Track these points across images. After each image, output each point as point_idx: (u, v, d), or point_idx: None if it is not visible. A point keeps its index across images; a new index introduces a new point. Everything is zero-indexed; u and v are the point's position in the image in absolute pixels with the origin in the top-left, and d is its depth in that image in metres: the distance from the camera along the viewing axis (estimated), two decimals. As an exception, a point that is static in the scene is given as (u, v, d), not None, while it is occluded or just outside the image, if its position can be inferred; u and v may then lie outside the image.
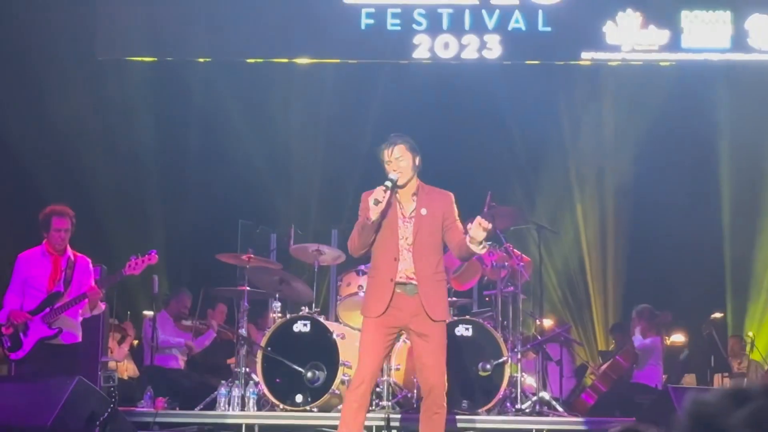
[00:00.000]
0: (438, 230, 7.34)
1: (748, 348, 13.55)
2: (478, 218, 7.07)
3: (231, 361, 10.27)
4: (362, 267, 9.53)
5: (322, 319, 9.62)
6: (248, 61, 14.61)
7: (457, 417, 9.04)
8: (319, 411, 9.17)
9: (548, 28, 14.02)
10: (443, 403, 7.26)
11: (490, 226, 7.09)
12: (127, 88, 14.50)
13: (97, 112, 14.39)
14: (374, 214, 7.07)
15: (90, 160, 14.43)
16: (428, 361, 7.19)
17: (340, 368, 9.16)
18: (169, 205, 14.91)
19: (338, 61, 14.68)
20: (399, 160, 7.25)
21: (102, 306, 9.02)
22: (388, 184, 7.11)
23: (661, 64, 14.24)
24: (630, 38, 13.98)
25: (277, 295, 10.07)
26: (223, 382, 9.57)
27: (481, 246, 7.12)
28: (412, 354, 7.54)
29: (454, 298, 9.99)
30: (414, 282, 7.21)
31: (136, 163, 14.92)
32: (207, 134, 14.79)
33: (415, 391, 9.25)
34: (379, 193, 7.06)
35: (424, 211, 7.31)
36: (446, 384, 7.24)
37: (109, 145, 14.64)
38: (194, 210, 14.66)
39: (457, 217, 7.41)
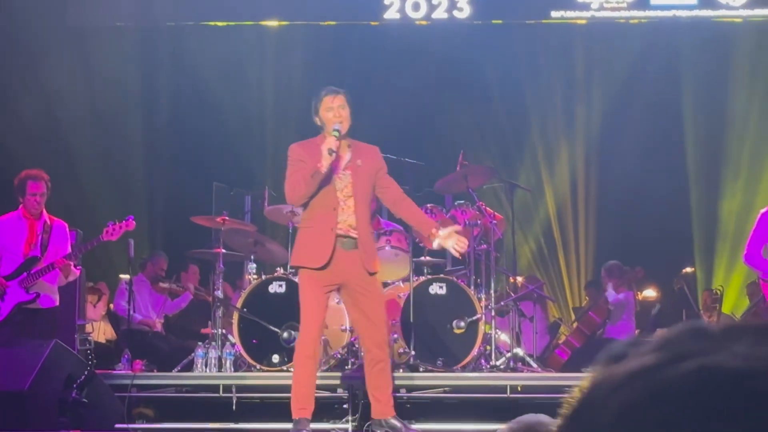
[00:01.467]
0: (372, 183, 7.40)
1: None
2: (460, 239, 7.28)
3: (206, 330, 10.32)
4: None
5: (297, 279, 9.65)
6: (219, 24, 14.58)
7: (432, 374, 9.14)
8: (296, 370, 9.23)
9: (517, -13, 14.05)
10: (389, 353, 7.44)
11: (464, 248, 7.40)
12: (102, 53, 14.45)
13: (72, 78, 14.34)
14: (327, 163, 7.10)
15: (65, 125, 14.40)
16: (374, 317, 7.28)
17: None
18: (143, 168, 14.90)
19: (307, 23, 14.66)
20: (341, 108, 7.30)
21: (77, 271, 9.05)
22: (336, 134, 7.15)
23: (630, 21, 14.29)
24: (599, -4, 14.03)
25: (252, 257, 10.10)
26: (200, 343, 9.61)
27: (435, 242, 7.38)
28: (354, 308, 7.47)
29: (428, 257, 10.05)
30: (352, 235, 7.27)
31: (111, 128, 14.89)
32: (180, 98, 14.78)
33: (390, 349, 9.31)
34: (333, 142, 7.10)
35: (359, 162, 7.36)
36: None
37: (84, 110, 14.60)
38: (168, 173, 14.66)
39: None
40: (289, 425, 7.30)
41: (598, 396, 0.94)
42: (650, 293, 13.81)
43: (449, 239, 7.26)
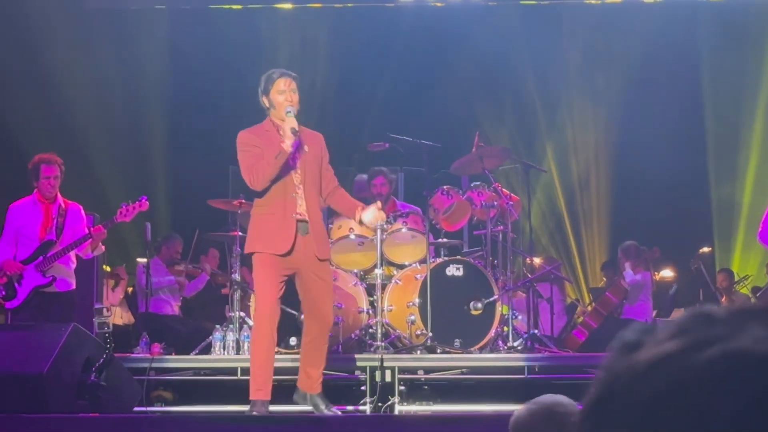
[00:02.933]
0: (319, 169, 7.40)
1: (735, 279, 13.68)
2: (379, 211, 7.28)
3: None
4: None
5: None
6: (234, 7, 14.59)
7: (450, 356, 9.14)
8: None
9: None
10: (327, 336, 7.57)
11: (383, 219, 7.41)
12: (117, 36, 14.46)
13: (86, 61, 14.35)
14: (291, 142, 7.09)
15: (79, 109, 14.42)
16: (326, 299, 7.38)
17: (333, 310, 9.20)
18: (160, 151, 14.91)
19: (322, 5, 14.65)
20: (293, 93, 7.28)
21: (102, 248, 9.10)
22: (291, 115, 7.15)
23: (645, 0, 14.22)
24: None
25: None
26: (217, 326, 9.61)
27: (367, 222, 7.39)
28: (307, 293, 7.45)
29: (445, 239, 10.04)
30: (306, 219, 7.26)
31: (127, 112, 14.90)
32: (197, 81, 14.75)
33: (407, 331, 9.32)
34: (294, 122, 7.11)
35: (306, 149, 7.35)
36: None
37: (99, 93, 14.61)
38: (185, 156, 14.65)
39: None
40: (308, 407, 7.31)
41: (620, 386, 0.93)
42: (667, 273, 13.79)
43: (369, 214, 7.27)
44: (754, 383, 0.87)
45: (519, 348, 9.52)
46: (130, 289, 12.80)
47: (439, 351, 9.13)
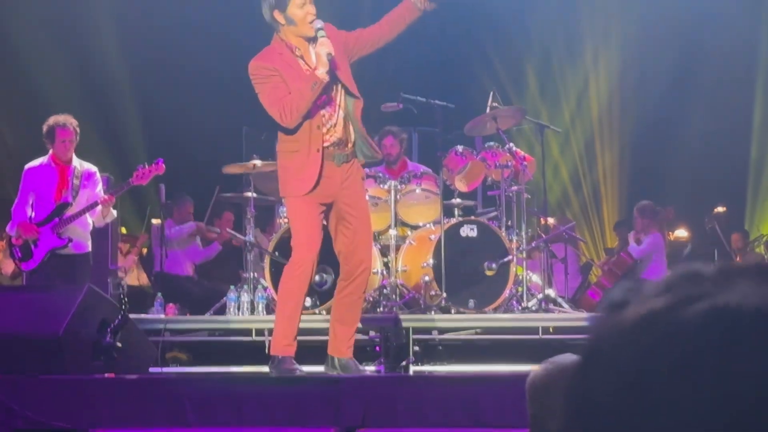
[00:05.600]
0: (349, 64, 6.71)
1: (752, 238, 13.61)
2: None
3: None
4: (366, 170, 9.53)
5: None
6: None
7: (464, 316, 9.15)
8: (327, 314, 9.23)
9: None
10: (366, 287, 7.02)
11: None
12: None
13: (100, 21, 14.32)
14: (326, 69, 6.36)
15: (94, 67, 14.42)
16: (364, 238, 6.79)
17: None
18: (172, 113, 14.86)
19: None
20: (311, 5, 6.58)
21: (114, 214, 9.11)
22: (323, 33, 6.41)
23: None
24: None
25: (283, 200, 10.07)
26: (231, 287, 9.63)
27: None
28: (344, 233, 6.77)
29: (459, 200, 10.02)
30: (342, 142, 6.63)
31: (140, 72, 14.87)
32: (210, 39, 14.68)
33: (422, 291, 9.32)
34: (329, 45, 6.35)
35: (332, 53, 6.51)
36: None
37: (113, 52, 14.58)
38: (198, 118, 14.61)
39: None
40: (320, 367, 7.29)
41: (609, 343, 0.93)
42: (682, 233, 13.75)
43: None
44: (741, 338, 0.87)
45: (533, 308, 9.52)
46: (144, 251, 12.81)
47: (453, 311, 9.15)
